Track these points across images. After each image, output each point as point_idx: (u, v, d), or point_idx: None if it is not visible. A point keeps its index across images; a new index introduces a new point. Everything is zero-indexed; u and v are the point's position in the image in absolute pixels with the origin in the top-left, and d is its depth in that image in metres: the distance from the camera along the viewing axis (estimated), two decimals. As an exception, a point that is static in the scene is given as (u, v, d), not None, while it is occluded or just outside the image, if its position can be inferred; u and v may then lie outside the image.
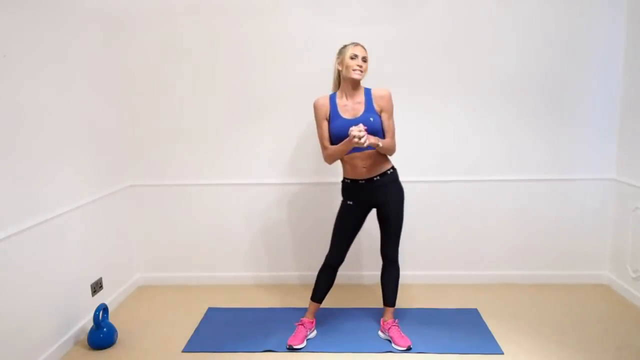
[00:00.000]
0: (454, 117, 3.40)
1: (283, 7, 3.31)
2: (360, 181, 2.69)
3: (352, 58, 2.60)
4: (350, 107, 2.65)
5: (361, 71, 2.61)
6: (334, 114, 2.66)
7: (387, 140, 2.64)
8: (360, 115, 2.62)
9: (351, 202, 2.74)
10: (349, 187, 2.74)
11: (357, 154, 2.64)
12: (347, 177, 2.75)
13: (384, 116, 2.67)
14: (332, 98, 2.70)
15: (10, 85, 2.36)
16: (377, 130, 2.62)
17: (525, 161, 3.44)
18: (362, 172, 2.67)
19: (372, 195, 2.71)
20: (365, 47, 2.67)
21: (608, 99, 3.34)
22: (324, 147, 2.70)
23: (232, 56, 3.37)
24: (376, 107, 2.66)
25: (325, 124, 2.69)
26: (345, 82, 2.67)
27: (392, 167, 2.75)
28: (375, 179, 2.68)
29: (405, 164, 3.39)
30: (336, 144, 2.64)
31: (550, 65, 3.31)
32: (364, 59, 2.62)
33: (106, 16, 3.27)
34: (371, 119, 2.61)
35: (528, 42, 3.30)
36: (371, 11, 3.29)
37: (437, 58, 3.33)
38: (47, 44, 2.65)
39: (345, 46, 2.66)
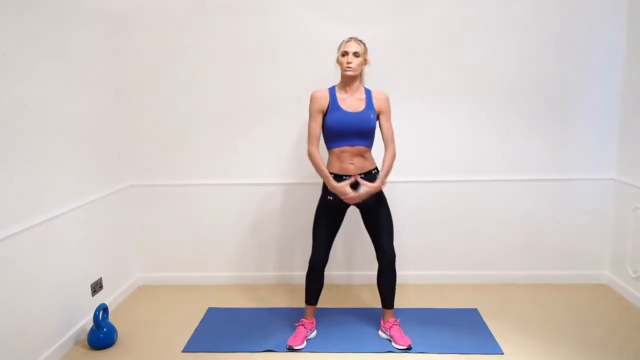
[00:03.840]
0: (454, 117, 3.40)
1: (283, 8, 3.31)
2: (344, 177, 2.66)
3: (342, 55, 2.60)
4: (351, 101, 2.65)
5: (352, 68, 2.59)
6: (332, 106, 2.64)
7: (387, 160, 2.68)
8: (362, 111, 2.63)
9: (331, 197, 2.70)
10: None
11: (347, 147, 2.64)
12: (331, 171, 2.71)
13: (383, 118, 2.69)
14: (332, 91, 2.68)
15: (10, 85, 2.36)
16: (372, 128, 2.64)
17: (525, 161, 3.44)
18: (348, 168, 2.66)
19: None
20: (362, 40, 2.64)
21: (608, 99, 3.34)
22: (310, 144, 2.68)
23: (232, 56, 3.37)
24: (375, 106, 2.67)
25: (319, 118, 2.66)
26: (343, 78, 2.67)
27: (376, 168, 2.74)
28: (360, 176, 2.66)
29: (406, 164, 3.40)
30: (333, 135, 2.64)
31: (550, 66, 3.31)
32: (356, 54, 2.58)
33: (106, 16, 3.27)
34: (371, 115, 2.63)
35: (528, 42, 3.30)
36: (370, 11, 3.29)
37: (437, 58, 3.33)
38: (47, 43, 2.64)
39: (342, 42, 2.65)
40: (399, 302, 3.05)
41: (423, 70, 3.35)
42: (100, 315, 2.77)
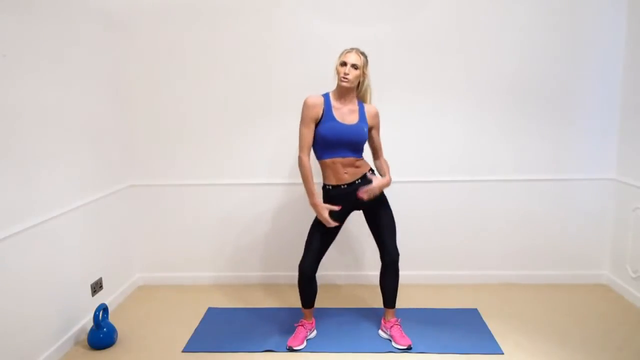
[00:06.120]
0: (454, 118, 3.40)
1: (284, 8, 3.31)
2: (342, 186, 2.66)
3: (341, 65, 2.59)
4: (345, 112, 2.65)
5: (348, 79, 2.57)
6: (327, 115, 2.61)
7: (385, 164, 2.81)
8: (356, 124, 2.63)
9: (338, 208, 2.65)
10: (332, 193, 2.69)
11: (339, 159, 2.63)
12: (328, 183, 2.70)
13: (374, 132, 2.77)
14: (326, 98, 2.66)
15: (10, 85, 2.36)
16: (364, 141, 2.68)
17: (525, 161, 3.44)
18: (344, 177, 2.65)
19: (355, 198, 2.66)
20: (364, 52, 2.62)
21: (608, 99, 3.34)
22: (302, 151, 2.61)
23: (232, 56, 3.37)
24: (368, 120, 2.69)
25: (312, 126, 2.61)
26: (338, 87, 2.65)
27: (371, 169, 2.75)
28: (357, 182, 2.67)
29: (406, 164, 3.40)
30: (326, 146, 2.61)
31: (551, 66, 3.31)
32: (354, 66, 2.55)
33: (106, 16, 3.27)
34: (365, 129, 2.66)
35: (528, 42, 3.29)
36: (371, 11, 3.29)
37: (437, 58, 3.33)
38: (47, 43, 2.65)
39: (344, 50, 2.63)
40: (400, 302, 3.05)
41: (423, 70, 3.34)
42: (100, 315, 2.77)
